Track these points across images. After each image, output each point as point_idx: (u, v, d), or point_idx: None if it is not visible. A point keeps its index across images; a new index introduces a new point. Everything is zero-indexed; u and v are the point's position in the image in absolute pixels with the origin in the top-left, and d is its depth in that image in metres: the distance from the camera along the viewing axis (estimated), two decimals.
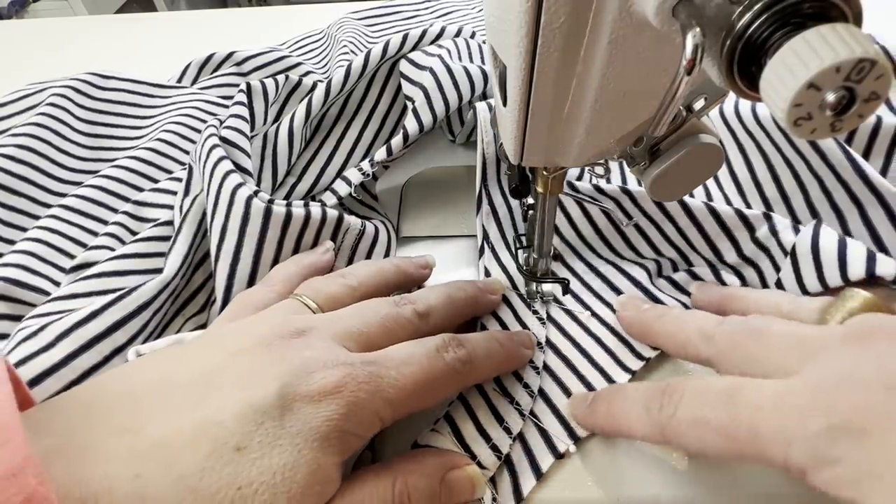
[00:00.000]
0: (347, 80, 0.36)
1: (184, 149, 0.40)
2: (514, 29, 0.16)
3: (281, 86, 0.38)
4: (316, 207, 0.30)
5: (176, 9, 1.79)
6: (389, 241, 0.35)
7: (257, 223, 0.28)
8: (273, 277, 0.28)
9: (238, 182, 0.28)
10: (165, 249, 0.31)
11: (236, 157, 0.31)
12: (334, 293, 0.26)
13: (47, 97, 0.41)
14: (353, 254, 0.32)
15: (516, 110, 0.19)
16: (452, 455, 0.24)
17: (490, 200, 0.34)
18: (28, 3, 1.51)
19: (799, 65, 0.11)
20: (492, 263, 0.32)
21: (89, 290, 0.28)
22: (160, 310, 0.28)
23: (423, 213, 0.37)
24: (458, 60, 0.37)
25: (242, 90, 0.35)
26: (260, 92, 0.36)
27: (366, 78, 0.37)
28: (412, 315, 0.25)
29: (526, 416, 0.26)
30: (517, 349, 0.27)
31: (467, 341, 0.24)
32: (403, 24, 0.56)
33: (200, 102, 0.43)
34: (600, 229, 0.33)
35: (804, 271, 0.27)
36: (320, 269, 0.29)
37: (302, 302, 0.25)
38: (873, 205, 0.28)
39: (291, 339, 0.22)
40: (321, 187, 0.37)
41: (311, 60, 0.51)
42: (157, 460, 0.17)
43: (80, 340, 0.25)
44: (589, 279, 0.32)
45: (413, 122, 0.35)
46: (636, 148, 0.21)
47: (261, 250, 0.28)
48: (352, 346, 0.22)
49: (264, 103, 0.36)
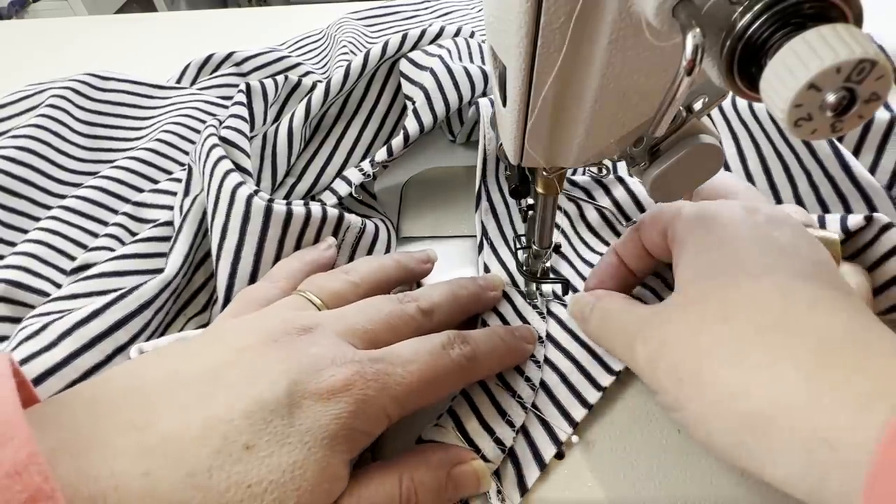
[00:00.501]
0: (347, 79, 0.36)
1: (183, 149, 0.40)
2: (514, 29, 0.16)
3: (280, 86, 0.38)
4: (316, 206, 0.30)
5: (176, 9, 1.79)
6: (389, 238, 0.35)
7: (258, 222, 0.28)
8: (276, 274, 0.27)
9: (238, 181, 0.28)
10: (165, 250, 0.31)
11: (236, 157, 0.31)
12: (338, 290, 0.26)
13: (47, 98, 0.40)
14: (353, 251, 0.32)
15: (516, 110, 0.19)
16: (458, 450, 0.24)
17: (489, 197, 0.34)
18: (28, 3, 1.51)
19: (799, 65, 0.11)
20: (491, 260, 0.32)
21: (89, 291, 0.28)
22: (162, 308, 0.28)
23: (423, 212, 0.37)
24: (458, 60, 0.37)
25: (242, 90, 0.35)
26: (259, 92, 0.36)
27: (365, 78, 0.37)
28: (416, 312, 0.25)
29: (528, 408, 0.26)
30: (519, 344, 0.27)
31: (471, 337, 0.25)
32: (403, 24, 0.56)
33: (200, 102, 0.43)
34: (595, 230, 0.33)
35: None
36: (323, 265, 0.29)
37: (306, 298, 0.25)
38: (857, 199, 0.29)
39: (298, 336, 0.22)
40: (321, 187, 0.37)
41: (311, 61, 0.51)
42: (165, 457, 0.17)
43: (82, 340, 0.25)
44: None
45: (413, 123, 0.35)
46: (636, 148, 0.21)
47: (262, 249, 0.28)
48: (357, 344, 0.23)
49: (264, 104, 0.36)
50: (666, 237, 0.25)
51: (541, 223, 0.27)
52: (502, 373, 0.27)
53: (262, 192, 0.29)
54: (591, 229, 0.33)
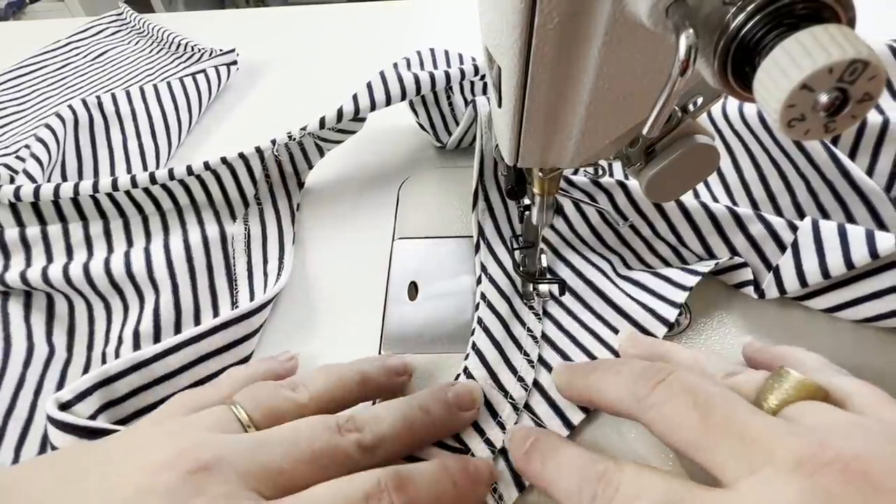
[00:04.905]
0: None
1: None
2: (509, 30, 0.16)
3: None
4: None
5: (173, 10, 1.78)
6: (281, 235, 0.36)
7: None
8: (223, 380, 0.25)
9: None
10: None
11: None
12: (276, 407, 0.22)
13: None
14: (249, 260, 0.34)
15: (511, 112, 0.19)
16: (449, 455, 0.24)
17: (487, 196, 0.34)
18: (25, 4, 1.51)
19: (792, 66, 0.11)
20: (488, 260, 0.32)
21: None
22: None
23: (420, 213, 0.37)
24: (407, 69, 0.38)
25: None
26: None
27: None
28: (353, 449, 0.21)
29: (520, 409, 0.26)
30: (473, 489, 0.22)
31: (410, 483, 0.20)
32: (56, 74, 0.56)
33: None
34: (594, 227, 0.33)
35: (804, 256, 0.27)
36: (279, 376, 0.26)
37: (235, 413, 0.22)
38: (857, 204, 0.29)
39: (189, 475, 0.19)
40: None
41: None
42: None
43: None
44: (589, 274, 0.32)
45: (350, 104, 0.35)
46: (632, 149, 0.21)
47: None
48: (264, 489, 0.19)
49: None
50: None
51: (537, 224, 0.27)
52: (494, 372, 0.27)
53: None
54: (592, 229, 0.33)
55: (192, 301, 0.32)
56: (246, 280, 0.34)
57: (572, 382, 0.25)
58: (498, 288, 0.31)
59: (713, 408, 0.18)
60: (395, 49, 0.42)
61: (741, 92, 0.13)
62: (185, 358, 0.28)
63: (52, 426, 0.24)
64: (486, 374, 0.27)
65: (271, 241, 0.36)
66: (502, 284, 0.31)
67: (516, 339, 0.29)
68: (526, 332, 0.29)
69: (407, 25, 0.60)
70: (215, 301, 0.33)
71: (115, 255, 0.33)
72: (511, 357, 0.28)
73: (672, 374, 0.20)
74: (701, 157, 0.20)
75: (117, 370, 0.26)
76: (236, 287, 0.34)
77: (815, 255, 0.26)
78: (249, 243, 0.35)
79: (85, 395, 0.25)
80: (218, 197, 0.37)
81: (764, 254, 0.29)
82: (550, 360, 0.28)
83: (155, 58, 0.57)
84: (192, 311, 0.32)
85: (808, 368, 0.22)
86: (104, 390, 0.26)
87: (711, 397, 0.19)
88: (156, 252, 0.32)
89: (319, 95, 0.44)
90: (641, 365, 0.22)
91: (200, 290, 0.32)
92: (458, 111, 0.40)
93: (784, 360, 0.23)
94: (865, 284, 0.26)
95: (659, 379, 0.20)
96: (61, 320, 0.32)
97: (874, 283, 0.26)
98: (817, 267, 0.26)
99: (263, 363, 0.27)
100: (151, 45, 0.58)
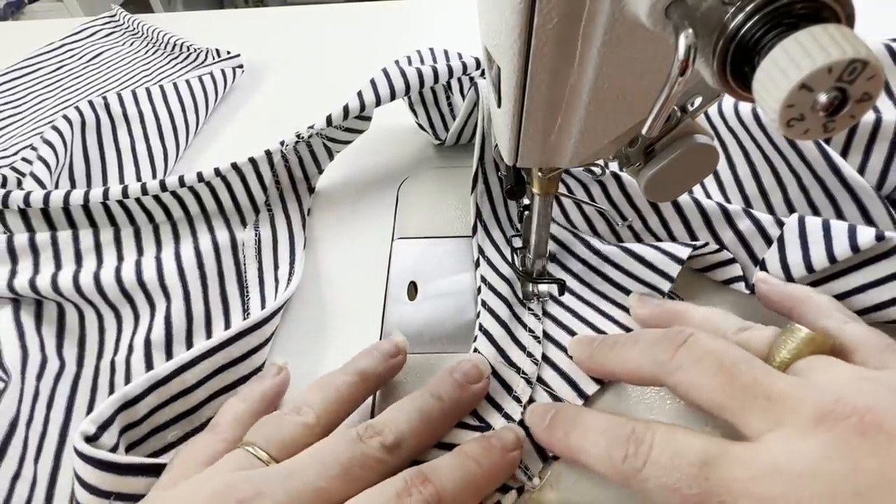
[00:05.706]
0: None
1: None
2: (508, 30, 0.16)
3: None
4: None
5: (172, 10, 1.78)
6: (293, 240, 0.36)
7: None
8: (220, 422, 0.24)
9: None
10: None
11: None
12: (289, 437, 0.22)
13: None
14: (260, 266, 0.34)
15: (511, 111, 0.19)
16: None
17: (485, 178, 0.34)
18: (24, 4, 1.51)
19: (791, 66, 0.11)
20: (485, 242, 0.33)
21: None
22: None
23: (419, 213, 0.37)
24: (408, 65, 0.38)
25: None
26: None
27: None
28: (379, 451, 0.22)
29: (533, 382, 0.27)
30: (500, 459, 0.23)
31: (435, 473, 0.21)
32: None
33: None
34: (590, 218, 0.34)
35: (789, 251, 0.27)
36: (273, 397, 0.26)
37: (252, 454, 0.22)
38: (847, 201, 0.29)
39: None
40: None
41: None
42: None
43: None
44: (587, 277, 0.32)
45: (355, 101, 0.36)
46: (631, 148, 0.21)
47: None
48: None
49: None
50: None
51: (537, 224, 0.27)
52: (503, 350, 0.28)
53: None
54: (593, 228, 0.34)
55: (204, 308, 0.32)
56: (257, 286, 0.34)
57: (593, 356, 0.26)
58: (496, 270, 0.32)
59: (737, 369, 0.20)
60: (395, 49, 0.42)
61: (740, 92, 0.13)
62: (200, 373, 0.27)
63: (80, 459, 0.23)
64: (495, 352, 0.28)
65: (282, 246, 0.35)
66: (500, 267, 0.32)
67: (519, 318, 0.30)
68: (528, 311, 0.30)
69: (407, 25, 0.60)
70: (226, 308, 0.32)
71: (126, 264, 0.32)
72: (517, 334, 0.29)
73: (691, 337, 0.21)
74: (700, 156, 0.20)
75: (135, 393, 0.25)
76: (247, 294, 0.33)
77: (800, 249, 0.27)
78: (260, 249, 0.35)
79: (108, 425, 0.24)
80: (228, 204, 0.36)
81: (752, 249, 0.30)
82: (555, 335, 0.29)
83: (151, 59, 0.56)
84: (204, 318, 0.32)
85: (820, 313, 0.23)
86: (124, 414, 0.25)
87: (735, 360, 0.20)
88: (167, 260, 0.32)
89: (321, 95, 0.44)
90: (657, 332, 0.23)
91: (212, 297, 0.32)
92: (458, 111, 0.40)
93: (796, 301, 0.25)
94: (850, 279, 0.26)
95: (678, 342, 0.21)
96: (72, 332, 0.32)
97: (857, 277, 0.26)
98: (801, 260, 0.26)
99: (256, 390, 0.26)
100: (146, 46, 0.58)
